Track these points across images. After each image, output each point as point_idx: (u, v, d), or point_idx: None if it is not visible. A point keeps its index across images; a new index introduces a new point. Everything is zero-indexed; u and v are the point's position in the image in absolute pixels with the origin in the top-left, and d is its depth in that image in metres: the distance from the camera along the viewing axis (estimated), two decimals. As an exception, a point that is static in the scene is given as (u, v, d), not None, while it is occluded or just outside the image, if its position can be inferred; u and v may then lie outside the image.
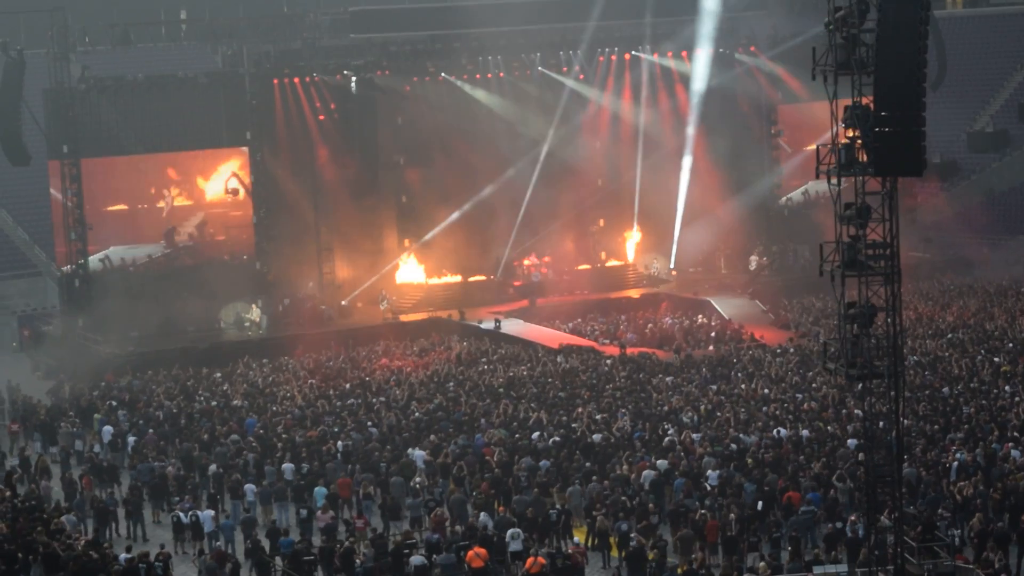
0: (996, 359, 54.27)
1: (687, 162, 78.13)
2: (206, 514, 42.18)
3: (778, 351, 59.81)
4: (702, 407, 50.08)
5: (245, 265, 72.64)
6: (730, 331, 66.22)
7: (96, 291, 69.53)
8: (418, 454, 46.22)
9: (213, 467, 46.50)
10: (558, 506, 41.21)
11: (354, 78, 73.88)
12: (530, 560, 37.03)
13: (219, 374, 61.17)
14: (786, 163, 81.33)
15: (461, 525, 40.27)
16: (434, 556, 37.83)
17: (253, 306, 71.11)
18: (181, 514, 42.31)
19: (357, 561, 38.01)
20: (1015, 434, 44.18)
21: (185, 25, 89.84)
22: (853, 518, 37.86)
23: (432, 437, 47.88)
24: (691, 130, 78.38)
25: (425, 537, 39.69)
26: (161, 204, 74.41)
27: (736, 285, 76.28)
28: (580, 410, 50.23)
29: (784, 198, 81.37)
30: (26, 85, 69.28)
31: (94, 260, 72.02)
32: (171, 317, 68.69)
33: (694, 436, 46.09)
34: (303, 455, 46.71)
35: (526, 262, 77.19)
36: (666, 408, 50.26)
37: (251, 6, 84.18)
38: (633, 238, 79.21)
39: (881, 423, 33.69)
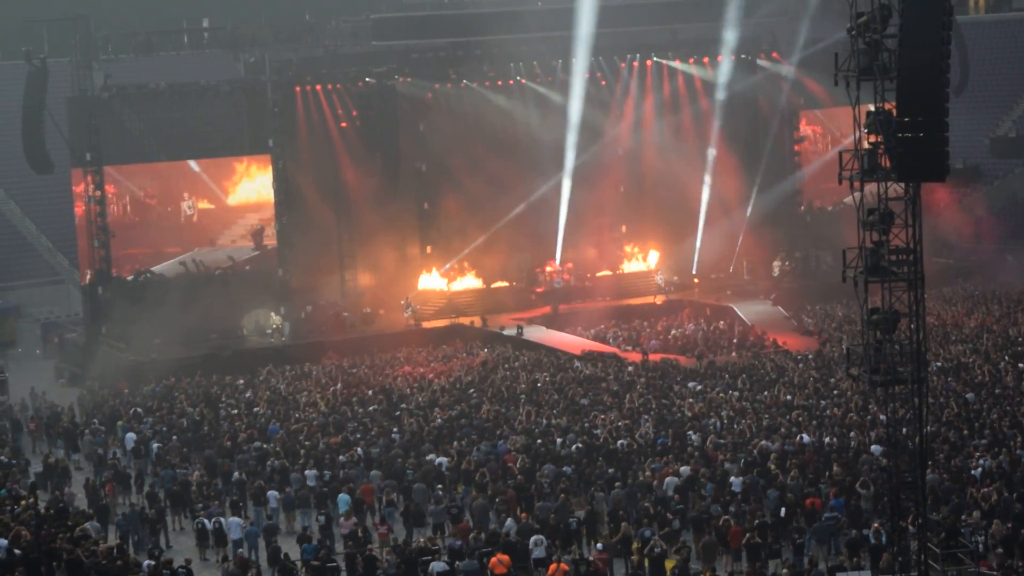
0: (1020, 365, 54.10)
1: (709, 167, 78.11)
2: (233, 521, 42.23)
3: (799, 357, 59.76)
4: (724, 413, 50.03)
5: (268, 272, 72.74)
6: (753, 337, 66.18)
7: (127, 298, 69.69)
8: (440, 461, 46.25)
9: (236, 474, 46.61)
10: (578, 515, 41.13)
11: (376, 85, 74.00)
12: (553, 567, 37.00)
13: (242, 381, 61.33)
14: (808, 167, 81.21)
15: (484, 532, 40.28)
16: (457, 563, 37.84)
17: (272, 314, 71.22)
18: (206, 520, 42.35)
19: (380, 569, 38.06)
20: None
21: (207, 33, 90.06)
22: (877, 525, 37.80)
23: (455, 443, 47.92)
24: (713, 136, 78.40)
25: (448, 543, 39.72)
26: (187, 209, 74.64)
27: (759, 291, 76.21)
28: (603, 416, 50.20)
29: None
30: (49, 94, 69.47)
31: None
32: (195, 324, 68.80)
33: (718, 442, 46.07)
34: (326, 462, 46.77)
35: (548, 268, 77.22)
36: (689, 414, 50.22)
37: (273, 14, 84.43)
38: (655, 245, 79.02)
39: (904, 429, 33.60)
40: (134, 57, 77.70)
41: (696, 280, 78.45)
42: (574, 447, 46.55)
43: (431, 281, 75.41)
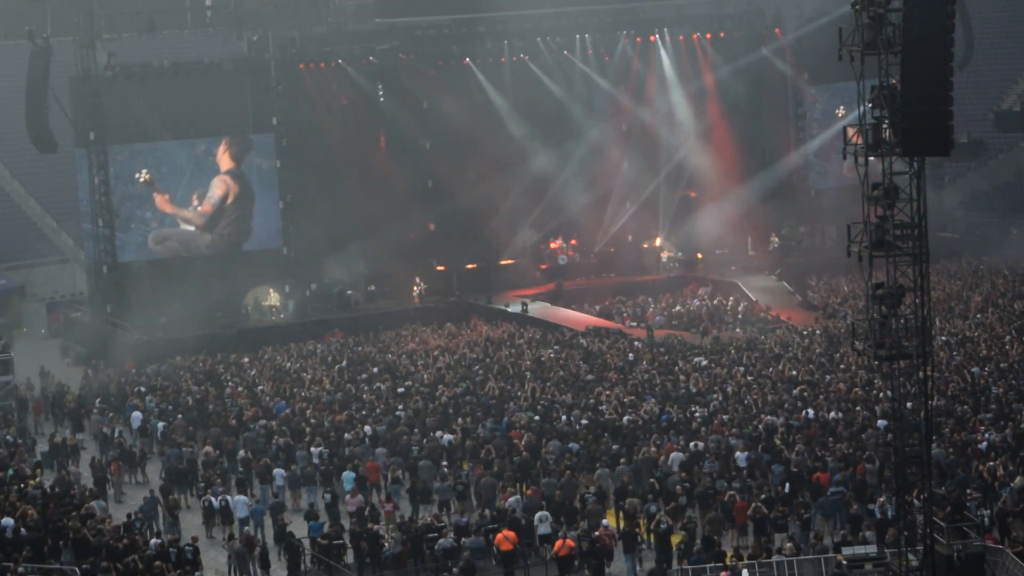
0: (1024, 339, 54.17)
1: (712, 143, 78.02)
2: (239, 499, 42.31)
3: (805, 332, 59.76)
4: (729, 389, 50.06)
5: (272, 251, 72.67)
6: (758, 312, 66.21)
7: (127, 278, 69.71)
8: (446, 438, 46.31)
9: (242, 452, 46.70)
10: (591, 490, 41.19)
11: (380, 63, 73.84)
12: (559, 543, 37.10)
13: (247, 359, 61.41)
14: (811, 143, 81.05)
15: (490, 508, 40.36)
16: (463, 539, 37.92)
17: (271, 291, 71.15)
18: (213, 499, 42.45)
19: (385, 545, 38.18)
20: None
21: (210, 11, 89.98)
22: (882, 499, 37.85)
23: (460, 420, 47.97)
24: (716, 112, 78.30)
25: (454, 520, 39.81)
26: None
27: (763, 266, 76.20)
28: (608, 393, 50.22)
29: None
30: (52, 73, 69.37)
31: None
32: (199, 303, 68.85)
33: (723, 418, 46.11)
34: (332, 439, 46.83)
35: (553, 245, 77.18)
36: (694, 390, 50.26)
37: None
38: (660, 220, 78.92)
39: (909, 404, 33.60)
40: (137, 36, 77.43)
41: (700, 256, 78.42)
42: (580, 423, 46.57)
43: (436, 258, 75.39)
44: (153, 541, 37.34)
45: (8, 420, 54.52)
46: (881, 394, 46.40)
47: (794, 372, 51.87)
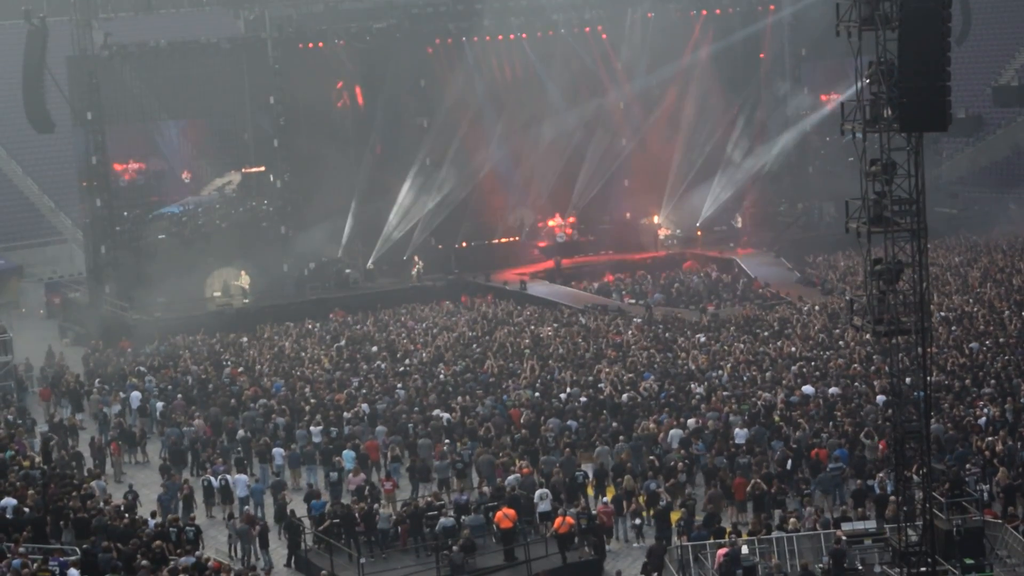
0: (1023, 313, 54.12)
1: (708, 120, 77.89)
2: (239, 478, 42.32)
3: (804, 309, 59.76)
4: (728, 365, 50.07)
5: (271, 229, 72.61)
6: (756, 289, 66.20)
7: (126, 258, 69.73)
8: (445, 416, 46.31)
9: (241, 431, 46.70)
10: (585, 469, 41.23)
11: (377, 41, 73.66)
12: (558, 520, 37.13)
13: (245, 339, 61.38)
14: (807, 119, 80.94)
15: (489, 486, 40.39)
16: (463, 517, 37.94)
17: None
18: (213, 478, 42.48)
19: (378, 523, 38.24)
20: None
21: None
22: (881, 475, 37.89)
23: (459, 399, 47.97)
24: (714, 86, 78.13)
25: (453, 498, 39.82)
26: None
27: (762, 243, 76.17)
28: (607, 370, 50.22)
29: None
30: (49, 53, 69.19)
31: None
32: (198, 282, 68.84)
33: (722, 395, 46.13)
34: (331, 418, 46.85)
35: (551, 223, 77.13)
36: (693, 367, 50.27)
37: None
38: (657, 198, 78.82)
39: (908, 379, 33.59)
40: (133, 15, 77.46)
41: (699, 232, 78.36)
42: (579, 401, 46.57)
43: (435, 236, 75.34)
44: (152, 521, 37.31)
45: (8, 401, 54.51)
46: (880, 370, 46.42)
47: (793, 348, 51.89)
